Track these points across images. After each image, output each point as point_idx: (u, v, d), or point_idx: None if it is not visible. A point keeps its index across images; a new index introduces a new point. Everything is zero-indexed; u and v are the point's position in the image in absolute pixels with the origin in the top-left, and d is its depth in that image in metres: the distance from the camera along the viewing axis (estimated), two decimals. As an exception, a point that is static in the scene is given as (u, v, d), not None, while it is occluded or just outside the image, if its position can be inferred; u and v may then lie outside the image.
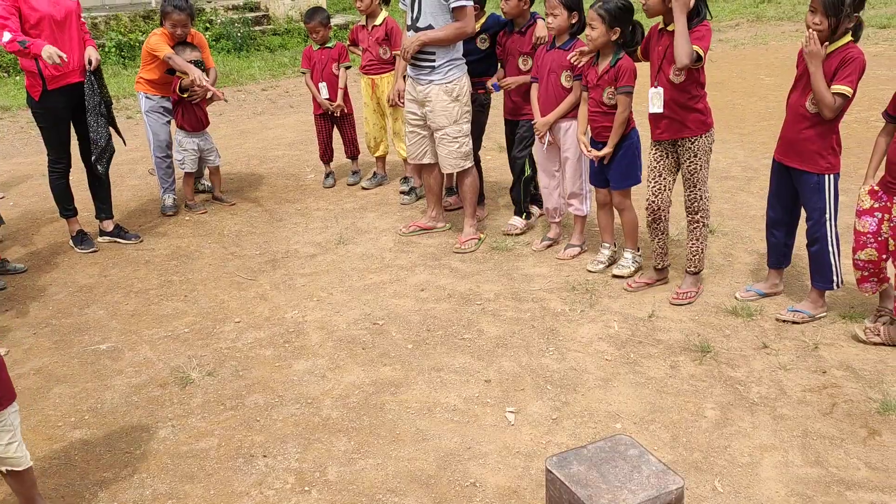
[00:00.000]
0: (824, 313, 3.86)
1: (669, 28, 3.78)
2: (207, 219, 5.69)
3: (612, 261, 4.56)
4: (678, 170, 4.07)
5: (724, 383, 3.39)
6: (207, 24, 13.12)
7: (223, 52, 12.81)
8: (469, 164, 4.86)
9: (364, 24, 5.85)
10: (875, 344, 3.59)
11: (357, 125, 6.37)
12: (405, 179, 6.08)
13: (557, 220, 4.90)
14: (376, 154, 6.17)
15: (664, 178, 4.07)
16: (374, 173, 6.32)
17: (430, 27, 4.50)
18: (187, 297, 4.44)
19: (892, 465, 2.84)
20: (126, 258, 5.03)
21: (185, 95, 5.52)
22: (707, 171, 3.98)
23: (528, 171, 4.99)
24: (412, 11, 4.58)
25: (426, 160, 4.96)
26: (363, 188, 6.21)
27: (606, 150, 4.21)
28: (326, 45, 6.03)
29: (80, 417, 3.35)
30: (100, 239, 5.25)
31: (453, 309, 4.15)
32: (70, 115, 4.90)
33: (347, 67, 6.11)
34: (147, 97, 5.60)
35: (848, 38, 3.49)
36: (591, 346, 3.72)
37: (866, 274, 3.67)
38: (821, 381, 3.37)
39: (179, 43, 5.50)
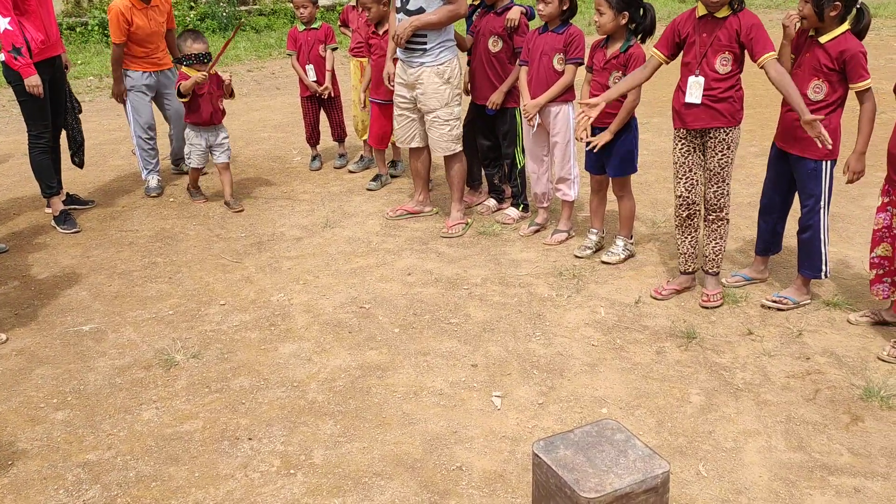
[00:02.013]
0: (809, 301, 3.89)
1: (719, 15, 3.59)
2: (192, 201, 5.63)
3: (600, 247, 4.56)
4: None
5: (709, 369, 3.41)
6: (192, 3, 12.96)
7: (208, 31, 12.66)
8: (459, 147, 4.84)
9: (354, 4, 5.79)
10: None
11: (344, 108, 6.32)
12: (361, 159, 6.20)
13: (545, 205, 4.89)
14: (364, 137, 6.12)
15: (695, 174, 3.85)
16: (362, 157, 6.28)
17: (420, 10, 4.46)
18: (172, 279, 4.40)
19: (874, 451, 2.87)
20: (109, 239, 4.98)
21: (186, 100, 5.20)
22: (733, 166, 3.82)
23: (521, 162, 4.97)
24: None
25: (415, 144, 4.93)
26: (350, 171, 6.17)
27: (607, 136, 4.10)
28: (312, 26, 5.97)
29: (62, 399, 3.31)
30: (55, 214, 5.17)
31: (440, 293, 4.14)
32: (49, 87, 4.85)
33: (334, 49, 6.05)
34: (127, 74, 5.50)
35: (843, 27, 3.45)
36: (578, 332, 3.73)
37: (881, 272, 3.59)
38: (804, 368, 3.40)
39: (186, 31, 5.24)
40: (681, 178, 3.90)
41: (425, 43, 4.54)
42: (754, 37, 3.56)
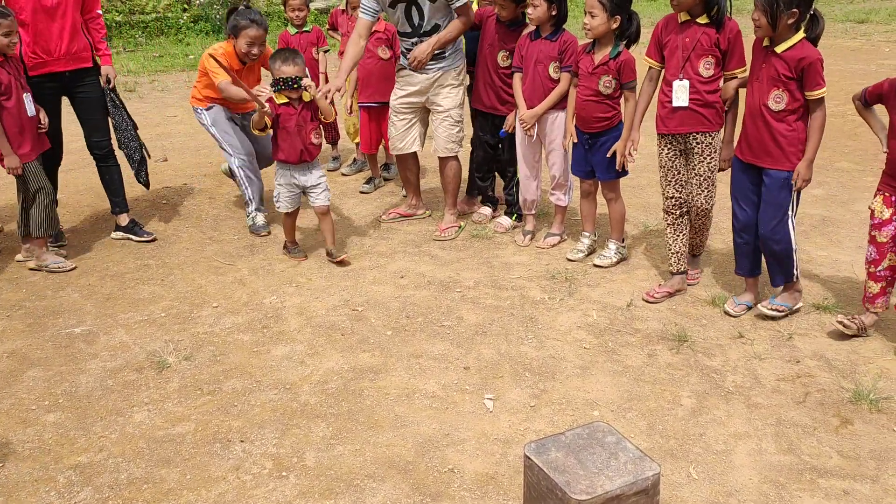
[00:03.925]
0: (801, 304, 3.88)
1: (700, 21, 3.69)
2: (185, 203, 5.63)
3: (592, 250, 4.58)
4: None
5: (700, 372, 3.42)
6: (185, 6, 12.95)
7: (201, 34, 12.66)
8: (460, 149, 4.89)
9: (344, 7, 5.80)
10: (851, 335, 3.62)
11: (337, 110, 6.32)
12: (354, 162, 6.24)
13: (534, 211, 4.89)
14: (356, 140, 6.13)
15: (682, 175, 3.94)
16: (354, 159, 6.29)
17: (436, 27, 4.55)
18: (164, 282, 4.40)
19: (863, 454, 2.89)
20: (101, 241, 4.96)
21: (263, 134, 4.49)
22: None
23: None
24: (411, 19, 4.54)
25: (415, 147, 4.96)
26: (343, 174, 6.18)
27: (627, 133, 4.14)
28: (304, 29, 5.97)
29: (54, 401, 3.31)
30: (113, 235, 5.00)
31: (433, 296, 4.15)
32: (58, 104, 4.70)
33: (326, 51, 6.06)
34: (204, 111, 5.02)
35: (799, 35, 3.41)
36: (570, 335, 3.74)
37: (884, 285, 3.55)
38: (794, 371, 3.42)
39: (277, 51, 4.42)
40: (670, 181, 3.97)
41: (445, 52, 4.63)
42: (733, 46, 3.70)
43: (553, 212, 4.86)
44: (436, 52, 4.58)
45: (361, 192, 5.75)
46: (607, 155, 4.24)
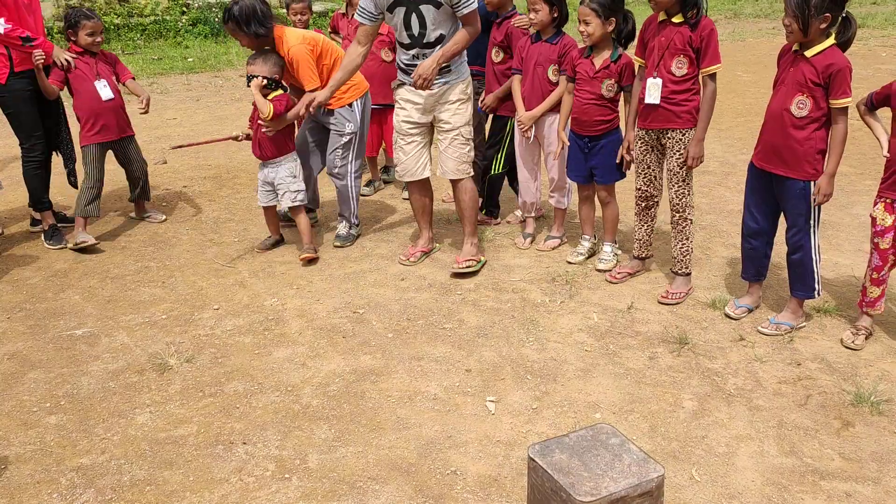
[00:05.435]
0: (804, 323, 3.81)
1: (675, 20, 3.76)
2: (185, 205, 5.63)
3: (592, 253, 4.59)
4: (663, 161, 4.05)
5: (701, 375, 3.43)
6: (184, 9, 12.96)
7: (200, 36, 12.67)
8: (472, 171, 4.48)
9: (344, 11, 5.81)
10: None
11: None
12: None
13: (534, 214, 4.89)
14: (356, 143, 6.12)
15: (652, 170, 4.07)
16: (354, 162, 6.28)
17: (441, 37, 4.10)
18: (165, 284, 4.39)
19: (864, 456, 2.90)
20: (101, 243, 4.95)
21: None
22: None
23: (495, 170, 4.96)
24: (410, 28, 4.09)
25: (427, 173, 4.47)
26: (343, 177, 6.17)
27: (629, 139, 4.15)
28: (306, 32, 5.98)
29: (55, 403, 3.30)
30: (34, 228, 5.02)
31: (434, 298, 4.15)
32: (37, 100, 4.72)
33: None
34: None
35: (829, 41, 3.36)
36: (571, 337, 3.75)
37: (884, 287, 3.57)
38: (796, 373, 3.42)
39: (260, 52, 4.45)
40: (640, 174, 4.12)
41: (449, 66, 4.18)
42: (706, 44, 3.74)
43: (553, 214, 4.87)
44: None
45: (360, 195, 5.74)
46: (616, 161, 4.26)
